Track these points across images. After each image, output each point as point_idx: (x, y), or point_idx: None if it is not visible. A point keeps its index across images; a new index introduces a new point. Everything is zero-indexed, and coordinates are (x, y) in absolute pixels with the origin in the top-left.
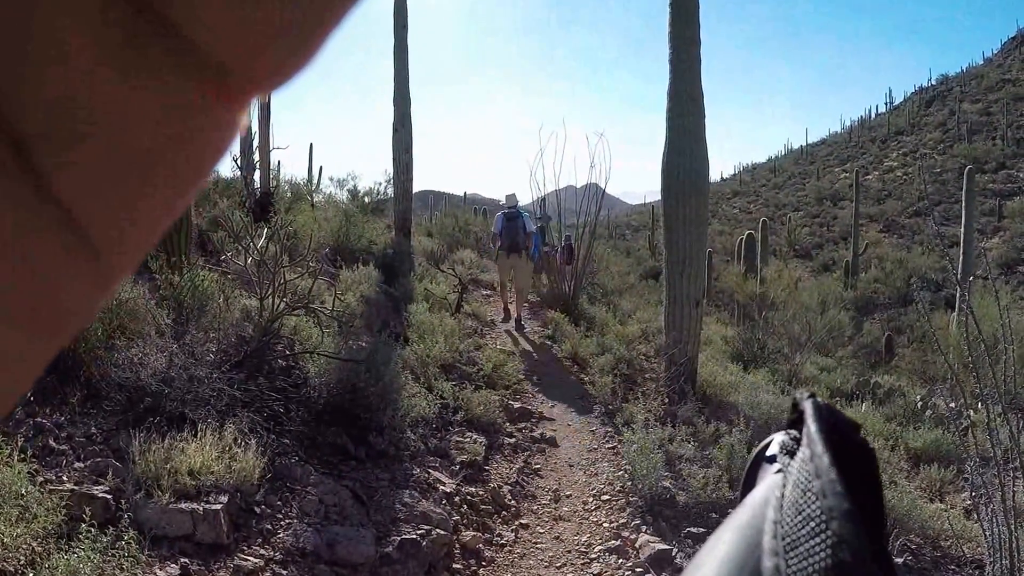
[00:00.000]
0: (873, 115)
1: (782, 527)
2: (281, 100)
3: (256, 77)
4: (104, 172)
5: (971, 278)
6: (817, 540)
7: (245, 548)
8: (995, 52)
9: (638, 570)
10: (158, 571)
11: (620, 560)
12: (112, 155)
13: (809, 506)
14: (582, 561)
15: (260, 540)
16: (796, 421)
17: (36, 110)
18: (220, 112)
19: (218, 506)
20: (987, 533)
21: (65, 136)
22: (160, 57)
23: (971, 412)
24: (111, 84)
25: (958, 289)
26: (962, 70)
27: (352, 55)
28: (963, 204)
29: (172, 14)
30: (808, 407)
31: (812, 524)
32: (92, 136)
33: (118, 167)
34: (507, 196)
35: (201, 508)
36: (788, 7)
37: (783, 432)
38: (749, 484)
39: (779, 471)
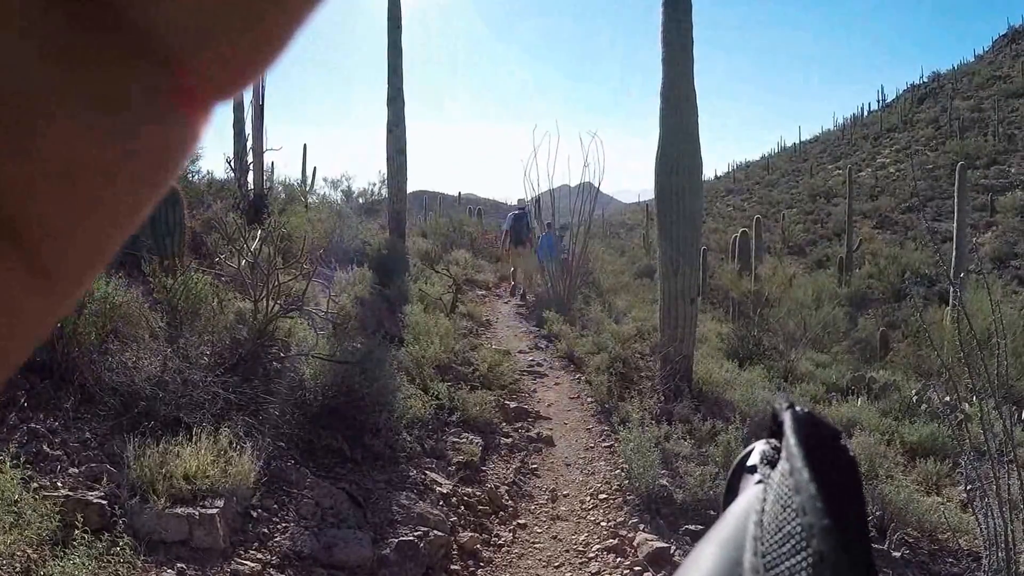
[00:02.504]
0: (866, 112)
1: (763, 544)
2: (275, 101)
3: (215, 77)
4: (50, 187)
5: (963, 274)
6: (798, 558)
7: (242, 552)
8: (986, 49)
9: (636, 568)
10: None
11: (618, 559)
12: (59, 168)
13: (789, 523)
14: (580, 560)
15: (257, 544)
16: (777, 429)
17: None
18: (177, 118)
19: (214, 511)
20: (983, 526)
21: (5, 149)
22: (108, 47)
23: (966, 406)
24: (53, 79)
25: (951, 285)
26: (954, 67)
27: (346, 56)
28: (955, 200)
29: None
30: (787, 418)
31: (793, 541)
32: (35, 147)
33: (65, 181)
34: (519, 200)
35: (197, 513)
36: (780, 5)
37: (764, 441)
38: (731, 493)
39: (760, 482)
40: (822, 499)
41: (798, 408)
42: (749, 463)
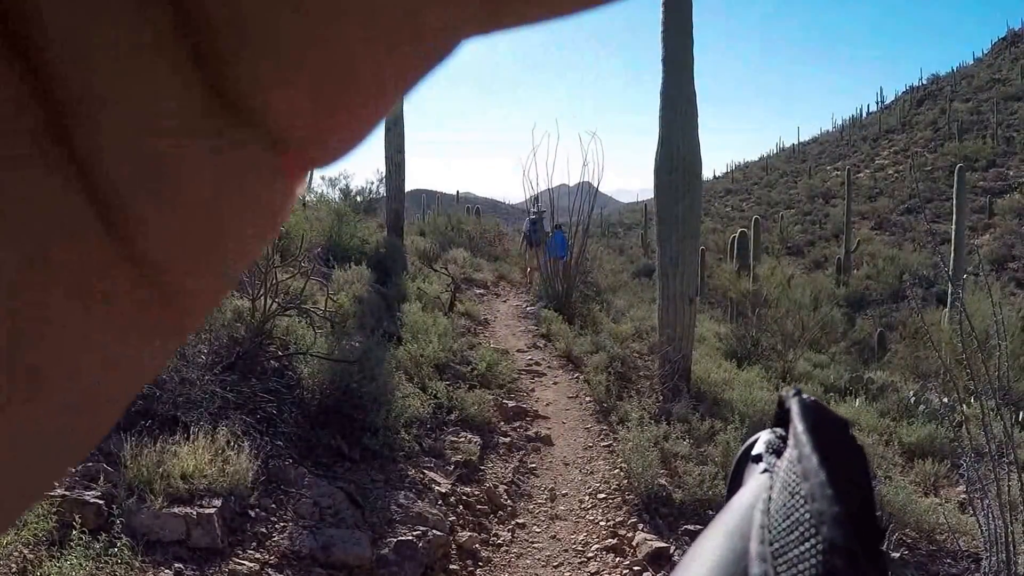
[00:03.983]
0: (865, 114)
1: (770, 532)
2: None
3: (321, 153)
4: (183, 234)
5: (964, 275)
6: (807, 546)
7: (240, 552)
8: (985, 52)
9: (636, 568)
10: None
11: (617, 559)
12: (191, 218)
13: (798, 510)
14: (579, 560)
15: (255, 544)
16: (782, 418)
17: (127, 171)
18: (284, 181)
19: (212, 510)
20: (983, 527)
21: (150, 199)
22: (236, 130)
23: (964, 407)
24: (195, 149)
25: (950, 285)
26: (953, 70)
27: None
28: (954, 202)
29: (243, 91)
30: (794, 405)
31: (801, 529)
32: (175, 199)
33: (196, 230)
34: (536, 206)
35: (195, 512)
36: (780, 6)
37: (769, 430)
38: (735, 484)
39: (765, 471)
40: (832, 486)
41: (805, 396)
42: (754, 453)
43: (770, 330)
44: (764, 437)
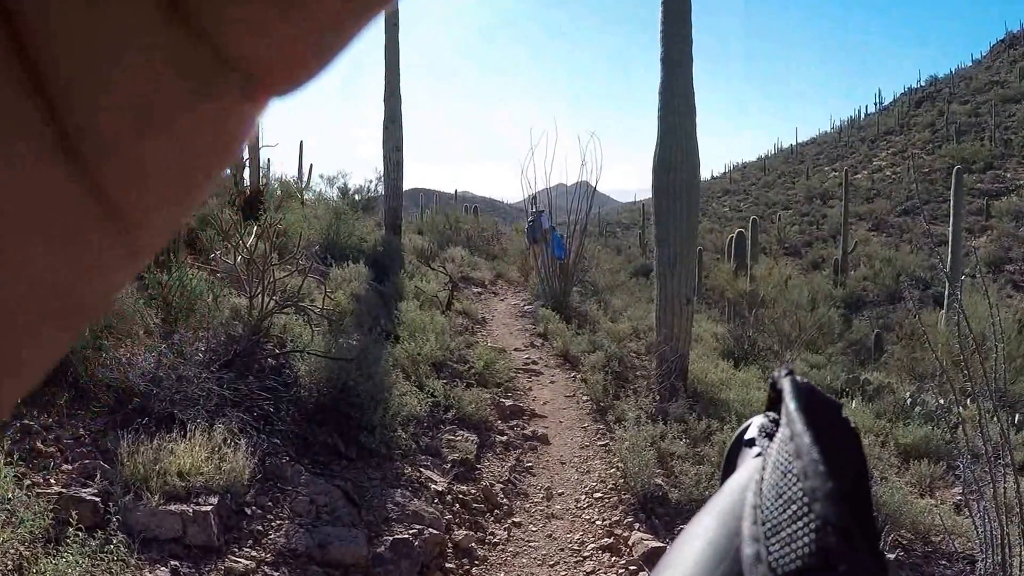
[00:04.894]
0: (863, 115)
1: (762, 511)
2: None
3: (284, 78)
4: (147, 163)
5: (963, 276)
6: (800, 524)
7: (236, 550)
8: (984, 54)
9: (632, 568)
10: (148, 574)
11: (613, 558)
12: (159, 148)
13: (790, 488)
14: (575, 559)
15: (251, 542)
16: (775, 401)
17: (97, 105)
18: (246, 107)
19: (208, 507)
20: (979, 529)
21: (119, 131)
22: (203, 60)
23: (961, 408)
24: (168, 83)
25: (947, 286)
26: (951, 72)
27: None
28: (951, 203)
29: (204, 20)
30: (786, 385)
31: (794, 507)
32: (143, 131)
33: (161, 157)
34: (535, 205)
35: (191, 510)
36: (779, 8)
37: (762, 415)
38: (729, 469)
39: (758, 454)
40: (825, 463)
41: (798, 376)
42: (747, 437)
43: (767, 330)
44: (757, 421)
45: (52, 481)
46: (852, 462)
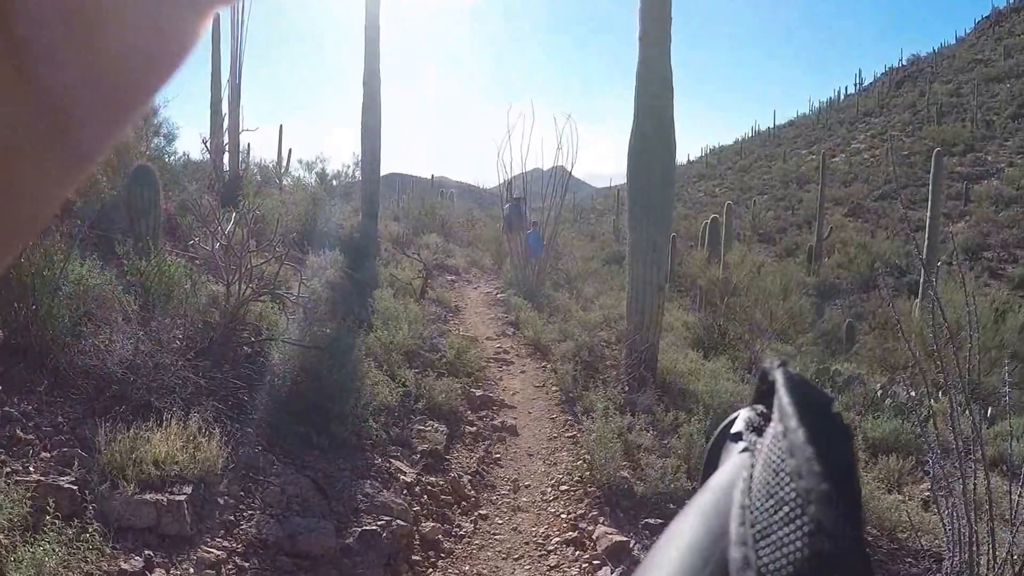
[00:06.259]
0: (842, 96)
1: (752, 513)
2: (252, 80)
3: None
4: (87, 64)
5: (939, 263)
6: (792, 527)
7: (208, 540)
8: (968, 32)
9: (595, 563)
10: (122, 563)
11: (577, 552)
12: (95, 43)
13: (782, 488)
14: (539, 553)
15: (223, 532)
16: (764, 395)
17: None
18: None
19: (182, 497)
20: (947, 526)
21: (57, 35)
22: None
23: (932, 401)
24: None
25: (923, 274)
26: (934, 50)
27: (324, 34)
28: (930, 187)
29: None
30: (779, 377)
31: (786, 509)
32: (82, 29)
33: (100, 56)
34: (511, 192)
35: (165, 499)
36: None
37: (749, 408)
38: (711, 465)
39: (745, 450)
40: (820, 462)
41: (791, 368)
42: (733, 431)
43: (738, 319)
44: (744, 415)
45: (31, 469)
46: (843, 462)
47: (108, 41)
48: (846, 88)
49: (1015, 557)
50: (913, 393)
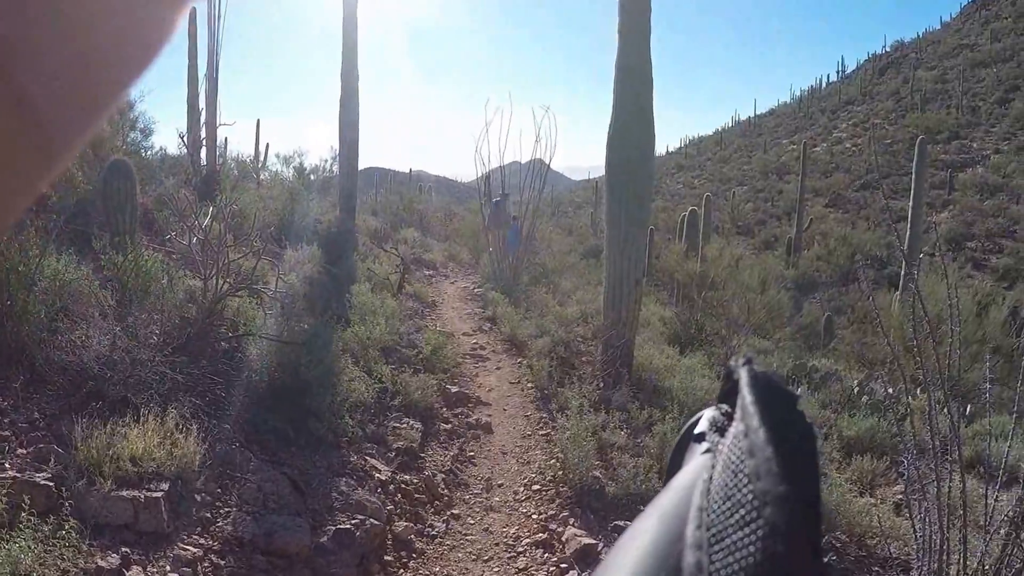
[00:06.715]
0: (824, 84)
1: (708, 515)
2: (229, 74)
3: None
4: (61, 61)
5: (921, 255)
6: (747, 530)
7: (185, 537)
8: (954, 16)
9: (563, 566)
10: (99, 561)
11: (546, 554)
12: (68, 38)
13: (740, 490)
14: (509, 555)
15: (200, 529)
16: (729, 393)
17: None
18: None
19: (159, 494)
20: (917, 532)
21: (29, 28)
22: None
23: (910, 398)
24: None
25: (904, 265)
26: (918, 36)
27: (302, 28)
28: (913, 175)
29: None
30: (743, 374)
31: (742, 512)
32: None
33: (75, 56)
34: (488, 186)
35: (142, 496)
36: None
37: (713, 407)
38: (675, 465)
39: (708, 451)
40: (779, 463)
41: (756, 365)
42: (696, 431)
43: (715, 314)
44: (708, 414)
45: (7, 465)
46: (804, 462)
47: (82, 33)
48: (828, 76)
49: (986, 568)
50: (891, 390)
